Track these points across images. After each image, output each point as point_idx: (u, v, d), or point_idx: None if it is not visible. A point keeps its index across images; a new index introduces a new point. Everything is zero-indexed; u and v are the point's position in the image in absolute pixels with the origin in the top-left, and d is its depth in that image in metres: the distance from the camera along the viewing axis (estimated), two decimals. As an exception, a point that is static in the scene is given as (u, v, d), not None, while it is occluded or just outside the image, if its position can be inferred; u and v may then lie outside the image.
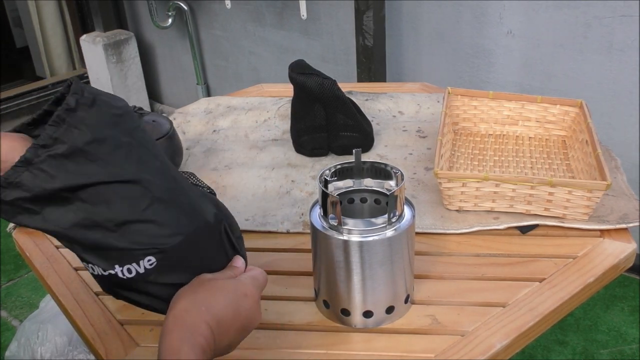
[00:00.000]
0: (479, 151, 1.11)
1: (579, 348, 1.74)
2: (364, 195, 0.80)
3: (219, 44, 2.87)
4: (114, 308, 0.83)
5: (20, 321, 1.94)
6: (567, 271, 0.85)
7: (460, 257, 0.89)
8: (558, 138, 1.13)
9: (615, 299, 1.89)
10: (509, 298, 0.81)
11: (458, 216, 0.96)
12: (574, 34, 1.77)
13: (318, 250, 0.75)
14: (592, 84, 1.79)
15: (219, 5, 2.72)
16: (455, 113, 1.16)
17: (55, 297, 0.88)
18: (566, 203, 0.91)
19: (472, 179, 0.92)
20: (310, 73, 1.11)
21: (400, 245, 0.73)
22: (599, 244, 0.89)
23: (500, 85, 1.99)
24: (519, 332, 0.75)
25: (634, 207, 0.94)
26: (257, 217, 0.99)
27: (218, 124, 1.30)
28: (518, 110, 1.14)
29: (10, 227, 1.03)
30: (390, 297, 0.76)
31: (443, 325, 0.77)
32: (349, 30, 2.25)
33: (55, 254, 0.95)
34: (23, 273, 2.18)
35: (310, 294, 0.83)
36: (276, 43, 2.60)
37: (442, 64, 2.11)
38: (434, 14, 2.05)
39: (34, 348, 1.56)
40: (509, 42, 1.92)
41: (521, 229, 0.93)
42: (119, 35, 3.09)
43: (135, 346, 0.77)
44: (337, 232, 0.72)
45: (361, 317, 0.76)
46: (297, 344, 0.76)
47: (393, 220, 0.72)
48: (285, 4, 2.45)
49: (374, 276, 0.73)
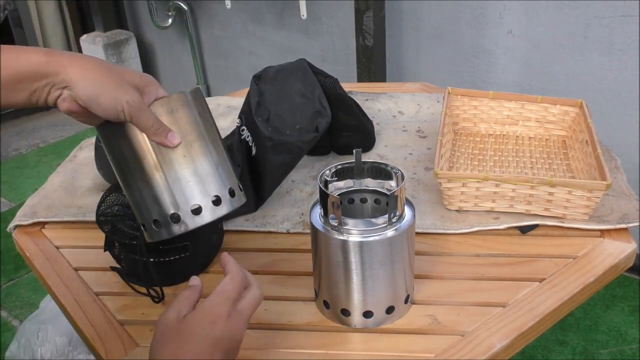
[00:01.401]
0: (479, 151, 1.11)
1: (579, 348, 1.74)
2: (364, 195, 0.80)
3: (219, 44, 2.87)
4: (114, 308, 0.83)
5: (20, 321, 1.94)
6: (567, 271, 0.85)
7: (460, 257, 0.89)
8: (558, 138, 1.13)
9: (615, 299, 1.89)
10: (509, 298, 0.81)
11: (458, 216, 0.96)
12: (574, 34, 1.77)
13: (318, 251, 0.75)
14: (592, 84, 1.79)
15: (219, 5, 2.72)
16: (455, 113, 1.16)
17: (55, 297, 0.88)
18: (566, 203, 0.91)
19: (472, 179, 0.92)
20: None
21: (400, 246, 0.73)
22: (599, 244, 0.89)
23: (500, 85, 1.99)
24: (518, 332, 0.75)
25: (634, 207, 0.94)
26: (257, 217, 0.99)
27: (218, 124, 1.29)
28: (518, 110, 1.14)
29: (10, 227, 1.03)
30: (391, 297, 0.76)
31: (443, 325, 0.77)
32: (349, 30, 2.25)
33: (55, 254, 0.95)
34: (23, 273, 2.18)
35: (310, 294, 0.83)
36: (276, 43, 2.60)
37: (442, 64, 2.11)
38: (434, 14, 2.05)
39: (34, 348, 1.56)
40: (509, 42, 1.92)
41: (521, 229, 0.93)
42: (119, 35, 3.09)
43: (135, 346, 0.77)
44: (338, 232, 0.72)
45: (361, 317, 0.76)
46: (296, 344, 0.76)
47: (393, 220, 0.72)
48: (285, 4, 2.45)
49: (374, 276, 0.73)
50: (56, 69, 0.62)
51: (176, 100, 0.68)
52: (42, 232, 1.01)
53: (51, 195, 1.10)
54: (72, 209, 1.05)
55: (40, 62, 0.62)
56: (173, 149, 0.68)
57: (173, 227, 0.69)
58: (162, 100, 0.68)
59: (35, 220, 1.02)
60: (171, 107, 0.68)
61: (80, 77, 0.63)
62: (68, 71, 0.62)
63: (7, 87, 0.62)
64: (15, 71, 0.61)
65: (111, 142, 0.69)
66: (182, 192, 0.68)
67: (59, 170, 1.19)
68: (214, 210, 0.70)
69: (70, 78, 0.62)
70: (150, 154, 0.67)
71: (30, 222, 1.02)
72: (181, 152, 0.68)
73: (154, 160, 0.68)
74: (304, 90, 1.04)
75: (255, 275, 0.88)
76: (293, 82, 1.05)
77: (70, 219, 1.02)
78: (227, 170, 0.72)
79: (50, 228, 1.02)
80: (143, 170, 0.68)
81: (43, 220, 1.03)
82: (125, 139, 0.67)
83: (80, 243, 0.98)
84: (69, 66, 0.62)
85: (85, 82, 0.63)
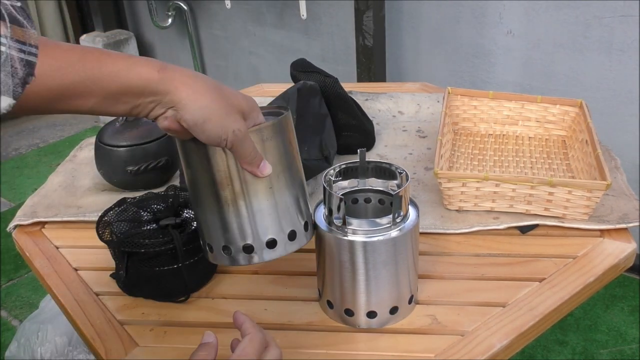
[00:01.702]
0: (479, 151, 1.11)
1: (579, 348, 1.74)
2: (368, 195, 0.80)
3: (219, 44, 2.87)
4: (114, 308, 0.83)
5: (20, 321, 1.94)
6: (567, 271, 0.85)
7: (460, 257, 0.89)
8: (558, 138, 1.13)
9: (615, 299, 1.89)
10: (509, 298, 0.81)
11: (458, 216, 0.96)
12: (574, 34, 1.77)
13: (322, 251, 0.75)
14: (592, 84, 1.79)
15: (219, 5, 2.72)
16: (455, 113, 1.16)
17: (55, 297, 0.88)
18: (566, 203, 0.91)
19: (472, 179, 0.92)
20: (312, 71, 1.11)
21: (404, 246, 0.73)
22: (599, 244, 0.89)
23: (500, 85, 1.99)
24: (519, 332, 0.75)
25: (634, 207, 0.94)
26: (257, 217, 0.99)
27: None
28: (518, 110, 1.14)
29: (10, 226, 1.03)
30: (394, 298, 0.76)
31: (443, 325, 0.77)
32: (349, 30, 2.25)
33: (55, 254, 0.95)
34: (23, 273, 2.18)
35: (311, 294, 0.83)
36: (276, 43, 2.60)
37: (442, 64, 2.11)
38: (434, 14, 2.05)
39: (34, 348, 1.56)
40: (509, 42, 1.92)
41: (521, 229, 0.93)
42: (119, 35, 3.09)
43: (135, 346, 0.77)
44: (342, 233, 0.72)
45: (365, 317, 0.76)
46: (297, 344, 0.76)
47: (397, 220, 0.72)
48: (285, 4, 2.45)
49: (378, 276, 0.73)
50: (167, 89, 0.59)
51: (269, 129, 0.66)
52: (42, 232, 1.01)
53: (51, 195, 1.10)
54: (72, 208, 1.05)
55: (152, 79, 0.59)
56: (260, 179, 0.66)
57: (244, 256, 0.69)
58: (256, 128, 0.65)
59: (35, 220, 1.02)
60: (264, 136, 0.66)
61: (190, 100, 0.60)
62: (179, 92, 0.59)
63: (111, 98, 0.58)
64: (124, 84, 0.58)
65: (192, 160, 0.67)
66: (261, 224, 0.68)
67: (59, 170, 1.19)
68: (287, 245, 0.70)
69: (180, 100, 0.60)
70: (236, 181, 0.66)
71: (30, 222, 1.02)
72: (267, 184, 0.67)
73: (239, 188, 0.66)
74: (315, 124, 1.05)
75: (256, 275, 0.89)
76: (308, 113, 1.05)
77: (70, 219, 1.02)
78: (305, 203, 0.72)
79: (50, 228, 1.02)
80: (223, 195, 0.67)
81: (43, 220, 1.03)
82: (209, 160, 0.65)
83: (80, 243, 0.97)
84: (181, 86, 0.59)
85: (194, 106, 0.60)
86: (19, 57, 0.52)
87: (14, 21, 0.52)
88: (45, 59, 0.54)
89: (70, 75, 0.55)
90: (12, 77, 0.52)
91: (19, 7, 0.53)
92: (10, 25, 0.51)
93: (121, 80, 0.58)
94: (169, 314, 0.82)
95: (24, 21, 0.53)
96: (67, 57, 0.55)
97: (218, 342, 0.62)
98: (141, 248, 0.79)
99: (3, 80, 0.51)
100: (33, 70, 0.53)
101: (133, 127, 1.07)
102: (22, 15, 0.53)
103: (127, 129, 1.07)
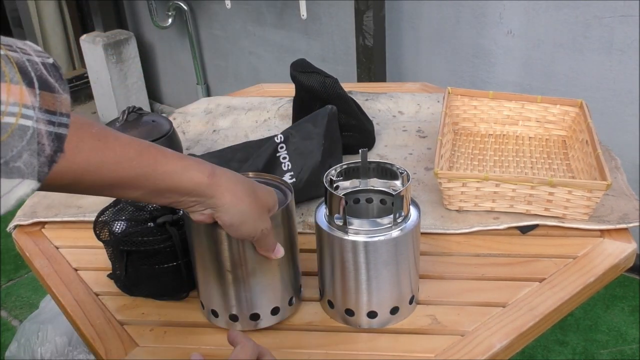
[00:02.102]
0: (479, 151, 1.11)
1: (579, 348, 1.74)
2: (369, 195, 0.80)
3: (219, 44, 2.87)
4: (113, 308, 0.83)
5: (20, 321, 1.94)
6: (567, 271, 0.85)
7: (460, 257, 0.89)
8: (558, 138, 1.13)
9: (615, 299, 1.89)
10: (509, 298, 0.81)
11: (458, 216, 0.96)
12: (574, 34, 1.77)
13: (323, 251, 0.75)
14: (592, 84, 1.79)
15: (219, 5, 2.72)
16: (455, 113, 1.16)
17: (55, 297, 0.88)
18: (566, 203, 0.91)
19: (472, 179, 0.92)
20: (311, 71, 1.11)
21: (405, 246, 0.73)
22: (599, 244, 0.89)
23: (500, 85, 1.99)
24: (519, 332, 0.75)
25: (634, 207, 0.94)
26: (257, 217, 0.99)
27: (218, 124, 1.30)
28: (518, 110, 1.14)
29: (10, 226, 1.03)
30: (395, 298, 0.76)
31: (443, 325, 0.77)
32: (349, 30, 2.25)
33: (55, 254, 0.95)
34: (23, 273, 2.18)
35: (310, 294, 0.83)
36: (276, 43, 2.60)
37: (442, 64, 2.11)
38: (434, 14, 2.05)
39: (34, 348, 1.56)
40: (509, 42, 1.92)
41: (521, 229, 0.93)
42: (119, 35, 3.09)
43: (135, 346, 0.77)
44: (343, 232, 0.72)
45: (366, 317, 0.76)
46: (297, 344, 0.76)
47: (399, 220, 0.72)
48: (285, 4, 2.45)
49: (379, 277, 0.73)
50: (213, 193, 0.62)
51: (281, 215, 0.71)
52: (42, 232, 1.01)
53: (51, 195, 1.10)
54: (72, 208, 1.05)
55: (201, 184, 0.62)
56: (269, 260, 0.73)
57: (249, 323, 0.76)
58: (271, 216, 0.70)
59: (35, 220, 1.02)
60: (276, 222, 0.71)
61: (231, 205, 0.63)
62: (223, 197, 0.63)
63: (158, 193, 0.61)
64: (175, 184, 0.61)
65: (202, 240, 0.72)
66: (270, 296, 0.75)
67: (59, 170, 1.19)
68: (287, 309, 0.78)
69: (223, 205, 0.63)
70: (250, 262, 0.72)
71: (30, 222, 1.02)
72: (277, 262, 0.73)
73: (252, 267, 0.72)
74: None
75: (255, 275, 0.89)
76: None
77: (70, 219, 1.02)
78: (298, 268, 0.79)
79: (50, 228, 1.02)
80: (233, 273, 0.72)
81: (43, 220, 1.03)
82: (222, 243, 0.71)
83: (80, 243, 0.97)
84: (225, 192, 0.63)
85: (233, 210, 0.64)
86: (47, 131, 0.45)
87: (44, 85, 0.46)
88: (106, 151, 0.54)
89: (126, 170, 0.57)
90: (38, 156, 0.45)
91: (51, 65, 0.47)
92: (39, 92, 0.45)
93: (173, 181, 0.60)
94: (169, 314, 0.82)
95: (55, 84, 0.47)
96: (126, 152, 0.57)
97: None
98: (140, 246, 0.79)
99: (27, 161, 0.44)
100: (62, 145, 0.47)
101: (133, 127, 1.07)
102: (53, 76, 0.47)
103: (127, 129, 1.07)
